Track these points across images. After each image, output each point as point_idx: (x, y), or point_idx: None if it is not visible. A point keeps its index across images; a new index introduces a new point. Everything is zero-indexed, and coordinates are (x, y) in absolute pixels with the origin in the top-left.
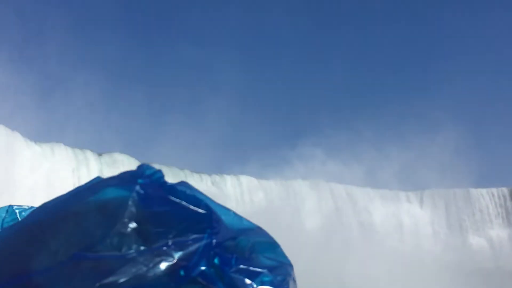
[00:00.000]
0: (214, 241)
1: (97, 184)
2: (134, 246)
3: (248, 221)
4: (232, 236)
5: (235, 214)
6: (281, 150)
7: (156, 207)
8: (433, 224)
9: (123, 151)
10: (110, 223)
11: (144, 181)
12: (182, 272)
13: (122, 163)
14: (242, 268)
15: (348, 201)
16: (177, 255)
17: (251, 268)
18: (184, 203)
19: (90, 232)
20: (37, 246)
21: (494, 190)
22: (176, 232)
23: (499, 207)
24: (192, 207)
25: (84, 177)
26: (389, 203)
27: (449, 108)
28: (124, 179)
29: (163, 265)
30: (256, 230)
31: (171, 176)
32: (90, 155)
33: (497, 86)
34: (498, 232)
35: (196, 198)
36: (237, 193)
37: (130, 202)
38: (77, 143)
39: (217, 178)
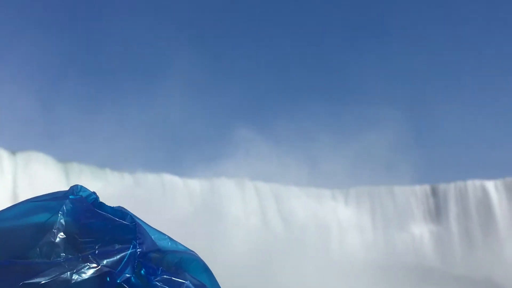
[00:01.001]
0: (139, 251)
1: (30, 200)
2: (62, 255)
3: (183, 246)
4: (157, 249)
5: (170, 239)
6: (207, 146)
7: (84, 220)
8: (359, 222)
9: (40, 149)
10: (40, 234)
11: (75, 197)
12: (108, 278)
13: (38, 162)
14: (166, 278)
15: (273, 199)
16: (103, 262)
17: (174, 278)
18: (110, 215)
19: (22, 242)
20: None
21: (417, 187)
22: (102, 242)
23: (422, 204)
24: (118, 219)
25: None
26: (314, 202)
27: (379, 105)
28: (56, 196)
29: (89, 271)
30: (189, 252)
31: (90, 176)
32: (2, 154)
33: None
34: (420, 229)
35: (122, 212)
36: (159, 193)
37: (59, 215)
38: None
39: (140, 176)
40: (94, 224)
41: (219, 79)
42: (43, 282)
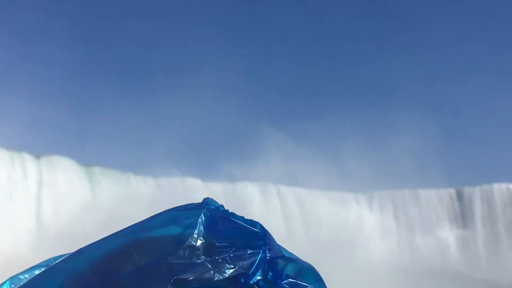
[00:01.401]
0: (268, 256)
1: (171, 210)
2: (202, 257)
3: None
4: (282, 255)
5: (284, 249)
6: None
7: (220, 226)
8: (383, 226)
9: (63, 153)
10: (183, 239)
11: (210, 207)
12: (242, 279)
13: (61, 167)
14: (292, 282)
15: (296, 203)
16: (238, 264)
17: (299, 282)
18: (242, 223)
19: (166, 246)
20: (124, 258)
21: (442, 191)
22: (236, 247)
23: (447, 208)
24: (249, 227)
25: (21, 182)
26: (338, 205)
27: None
28: (193, 206)
29: (227, 271)
30: (306, 262)
31: (113, 180)
32: (27, 158)
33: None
34: (445, 233)
35: (252, 221)
36: (182, 197)
37: (199, 222)
38: (12, 145)
39: (162, 181)
40: (229, 231)
41: (246, 80)
42: (191, 278)
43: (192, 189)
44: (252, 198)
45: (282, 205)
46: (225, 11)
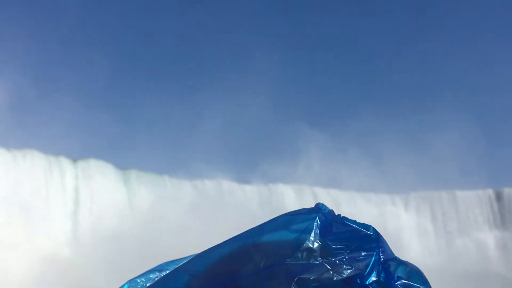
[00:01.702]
0: (382, 258)
1: (287, 214)
2: (319, 259)
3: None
4: (394, 258)
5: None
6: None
7: (335, 229)
8: (419, 227)
9: (99, 157)
10: (299, 242)
11: (323, 212)
12: (358, 280)
13: (98, 170)
14: (405, 283)
15: (332, 205)
16: (354, 265)
17: (412, 283)
18: (356, 226)
19: (284, 249)
20: (244, 260)
21: (480, 192)
22: (351, 249)
23: (485, 210)
24: (363, 230)
25: (58, 185)
26: (374, 207)
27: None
28: (307, 211)
29: (345, 272)
30: (415, 265)
31: (149, 183)
32: (64, 161)
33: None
34: (484, 235)
35: (365, 224)
36: (217, 200)
37: (315, 225)
38: (50, 149)
39: (198, 183)
40: (343, 234)
41: (284, 81)
42: (312, 278)
43: (227, 192)
44: (287, 201)
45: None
46: (268, 14)
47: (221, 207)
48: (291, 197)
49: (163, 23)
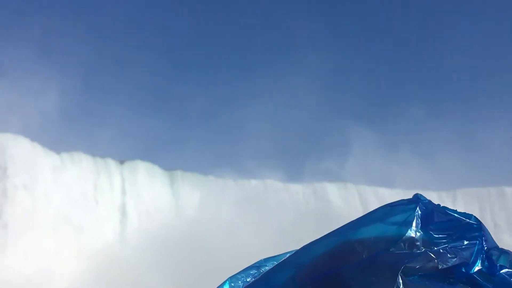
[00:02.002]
0: (485, 247)
1: (386, 205)
2: (421, 248)
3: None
4: (495, 246)
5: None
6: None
7: (436, 219)
8: None
9: (144, 158)
10: (402, 232)
11: (423, 201)
12: (463, 269)
13: (144, 171)
14: (508, 271)
15: (377, 203)
16: (459, 254)
17: None
18: (457, 215)
19: (386, 239)
20: (346, 252)
21: None
22: (452, 239)
23: None
24: (464, 219)
25: (105, 186)
26: None
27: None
28: (405, 202)
29: (449, 261)
30: None
31: (194, 183)
32: (111, 163)
33: None
34: None
35: (466, 213)
36: (263, 199)
37: (416, 215)
38: (97, 152)
39: (244, 183)
40: (445, 223)
41: (332, 81)
42: (417, 266)
43: (272, 191)
44: (332, 199)
45: (363, 205)
46: (322, 12)
47: (266, 207)
48: (336, 196)
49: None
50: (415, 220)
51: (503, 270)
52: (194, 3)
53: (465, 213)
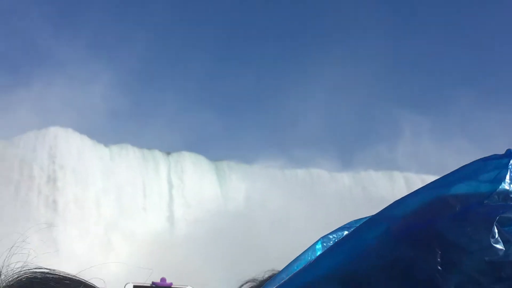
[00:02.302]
0: None
1: (476, 161)
2: None
3: None
4: None
5: None
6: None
7: None
8: None
9: (191, 149)
10: (495, 184)
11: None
12: None
13: (191, 162)
14: None
15: None
16: None
17: None
18: None
19: (479, 192)
20: (439, 206)
21: None
22: None
23: None
24: None
25: (153, 177)
26: None
27: None
28: (497, 157)
29: None
30: None
31: (240, 173)
32: (158, 155)
33: None
34: None
35: None
36: (308, 187)
37: (510, 169)
38: (144, 143)
39: (290, 172)
40: None
41: (384, 67)
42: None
43: (317, 180)
44: (379, 187)
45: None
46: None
47: (312, 196)
48: (383, 184)
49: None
50: (508, 174)
51: None
52: None
53: None
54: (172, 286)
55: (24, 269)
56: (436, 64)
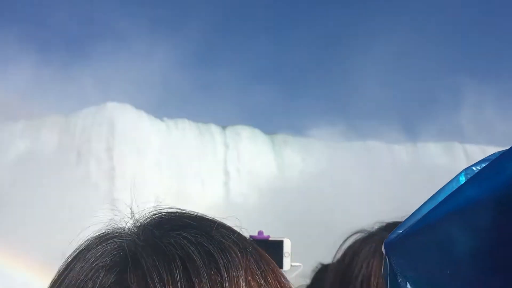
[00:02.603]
0: None
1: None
2: None
3: None
4: None
5: None
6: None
7: None
8: None
9: (247, 123)
10: None
11: None
12: None
13: (246, 136)
14: None
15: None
16: None
17: None
18: None
19: None
20: None
21: None
22: None
23: None
24: None
25: (209, 151)
26: None
27: None
28: None
29: None
30: None
31: (296, 146)
32: (214, 129)
33: None
34: None
35: None
36: (364, 161)
37: None
38: (200, 117)
39: (347, 145)
40: None
41: (452, 31)
42: None
43: (373, 151)
44: (436, 159)
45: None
46: None
47: (370, 168)
48: (441, 156)
49: None
50: None
51: None
52: None
53: None
54: (269, 239)
55: (157, 208)
56: (504, 31)
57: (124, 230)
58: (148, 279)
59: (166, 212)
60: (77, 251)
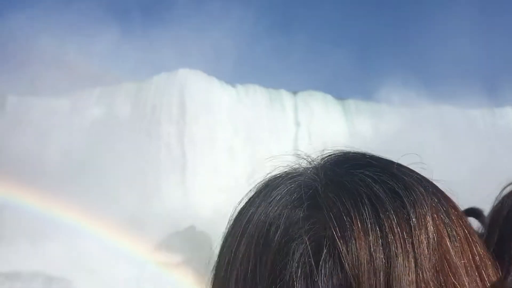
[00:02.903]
0: None
1: None
2: None
3: None
4: None
5: None
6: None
7: None
8: None
9: (317, 88)
10: None
11: None
12: None
13: (317, 101)
14: None
15: None
16: None
17: None
18: None
19: None
20: None
21: None
22: None
23: None
24: None
25: (279, 117)
26: None
27: None
28: None
29: None
30: None
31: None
32: (284, 94)
33: None
34: None
35: None
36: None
37: None
38: (271, 83)
39: (415, 110)
40: None
41: None
42: None
43: (447, 116)
44: None
45: None
46: None
47: (442, 133)
48: None
49: None
50: None
51: None
52: None
53: None
54: None
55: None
56: None
57: (302, 169)
58: (335, 214)
59: (341, 152)
60: (257, 190)
